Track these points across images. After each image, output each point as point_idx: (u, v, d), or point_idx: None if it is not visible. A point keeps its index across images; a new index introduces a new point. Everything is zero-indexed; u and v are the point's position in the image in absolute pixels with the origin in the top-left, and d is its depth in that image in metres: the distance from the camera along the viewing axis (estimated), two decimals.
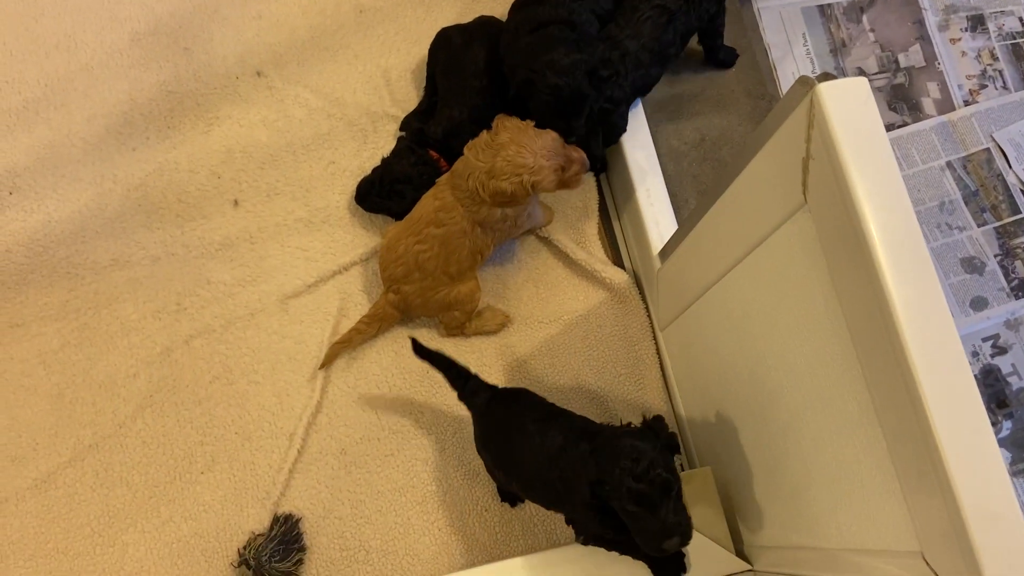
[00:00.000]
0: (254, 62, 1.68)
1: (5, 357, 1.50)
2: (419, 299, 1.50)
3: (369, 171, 1.59)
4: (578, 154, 1.38)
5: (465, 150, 1.40)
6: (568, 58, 1.38)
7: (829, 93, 0.81)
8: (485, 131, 1.39)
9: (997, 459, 0.73)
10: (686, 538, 1.04)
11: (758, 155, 0.97)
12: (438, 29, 1.62)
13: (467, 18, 1.64)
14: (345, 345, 1.53)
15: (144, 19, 1.68)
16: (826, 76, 0.84)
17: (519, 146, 1.34)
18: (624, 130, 1.56)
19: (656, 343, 1.58)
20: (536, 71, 1.39)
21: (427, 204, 1.46)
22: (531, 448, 1.19)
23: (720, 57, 1.67)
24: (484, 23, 1.61)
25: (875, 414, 0.87)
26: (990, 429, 0.74)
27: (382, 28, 1.73)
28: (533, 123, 1.37)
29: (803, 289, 0.97)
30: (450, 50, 1.59)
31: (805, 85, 0.85)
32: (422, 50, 1.67)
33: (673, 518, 1.02)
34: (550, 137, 1.36)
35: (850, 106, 0.81)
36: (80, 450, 1.48)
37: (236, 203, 1.61)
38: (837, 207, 0.82)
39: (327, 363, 1.53)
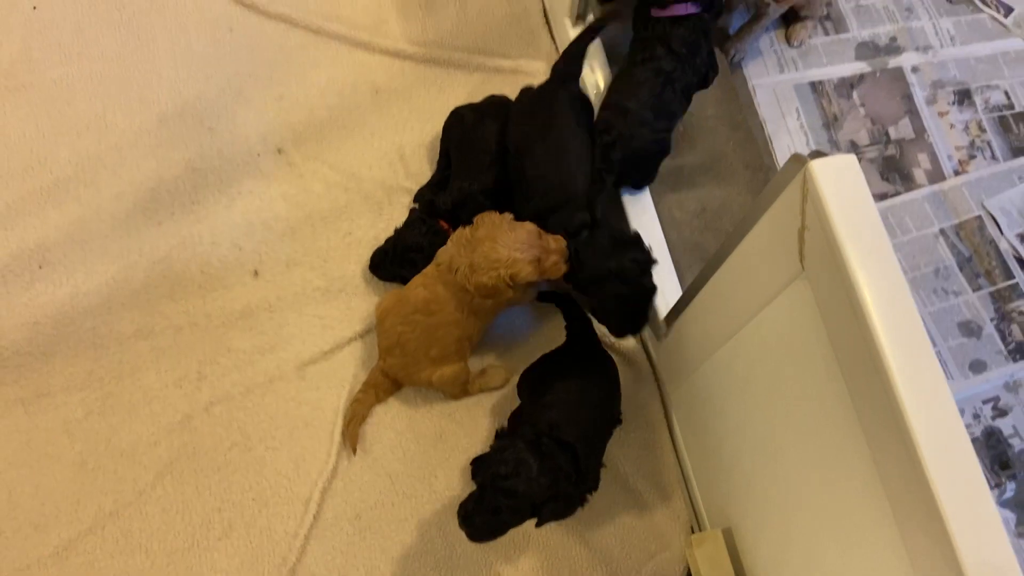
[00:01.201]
0: (275, 140, 1.77)
1: (31, 426, 1.54)
2: (402, 373, 1.55)
3: (383, 241, 1.65)
4: (556, 244, 1.41)
5: (451, 242, 1.45)
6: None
7: (820, 169, 0.88)
8: (466, 227, 1.44)
9: (994, 516, 0.77)
10: None
11: (756, 226, 1.03)
12: (450, 108, 1.71)
13: (477, 98, 1.73)
14: (357, 421, 1.57)
15: (171, 101, 1.77)
16: (817, 153, 0.90)
17: (493, 241, 1.37)
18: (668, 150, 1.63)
19: (664, 406, 1.62)
20: None
21: (417, 292, 1.49)
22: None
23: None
24: (494, 102, 1.70)
25: (878, 476, 0.90)
26: (986, 486, 0.78)
27: (397, 107, 1.82)
28: (511, 216, 1.42)
29: (804, 353, 1.02)
30: (463, 127, 1.67)
31: (798, 162, 0.91)
32: (435, 127, 1.75)
33: None
34: (525, 230, 1.39)
35: (840, 181, 0.87)
36: (101, 518, 1.51)
37: (256, 273, 1.68)
38: (832, 275, 0.88)
39: (355, 447, 1.57)
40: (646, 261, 1.41)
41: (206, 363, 1.62)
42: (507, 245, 1.37)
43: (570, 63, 1.63)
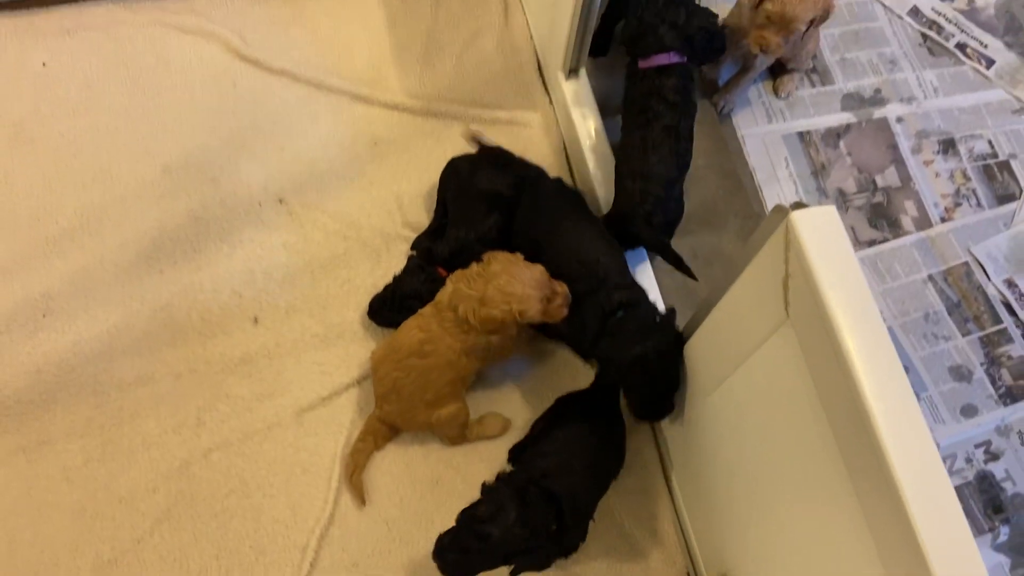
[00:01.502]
0: (276, 190, 1.81)
1: (32, 474, 1.55)
2: (400, 419, 1.57)
3: (382, 288, 1.68)
4: (562, 288, 1.46)
5: (450, 281, 1.48)
6: None
7: (801, 219, 0.91)
8: (475, 263, 1.48)
9: (974, 552, 0.79)
10: None
11: (743, 274, 1.07)
12: (447, 158, 1.75)
13: (473, 148, 1.77)
14: (358, 471, 1.58)
15: (176, 153, 1.82)
16: (799, 205, 0.94)
17: (510, 276, 1.42)
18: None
19: (659, 451, 1.64)
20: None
21: (411, 334, 1.51)
22: None
23: None
24: (490, 153, 1.74)
25: (864, 518, 0.92)
26: (966, 526, 0.80)
27: (395, 158, 1.87)
28: (522, 256, 1.47)
29: (791, 398, 1.04)
30: (459, 177, 1.71)
31: (780, 212, 0.95)
32: (432, 177, 1.79)
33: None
34: (538, 270, 1.44)
35: (821, 231, 0.91)
36: (99, 565, 1.51)
37: (256, 320, 1.70)
38: (815, 322, 0.90)
39: (361, 497, 1.58)
40: (667, 350, 1.39)
41: (205, 409, 1.64)
42: (522, 281, 1.42)
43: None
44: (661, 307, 1.48)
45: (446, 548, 1.29)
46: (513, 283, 1.41)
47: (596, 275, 1.47)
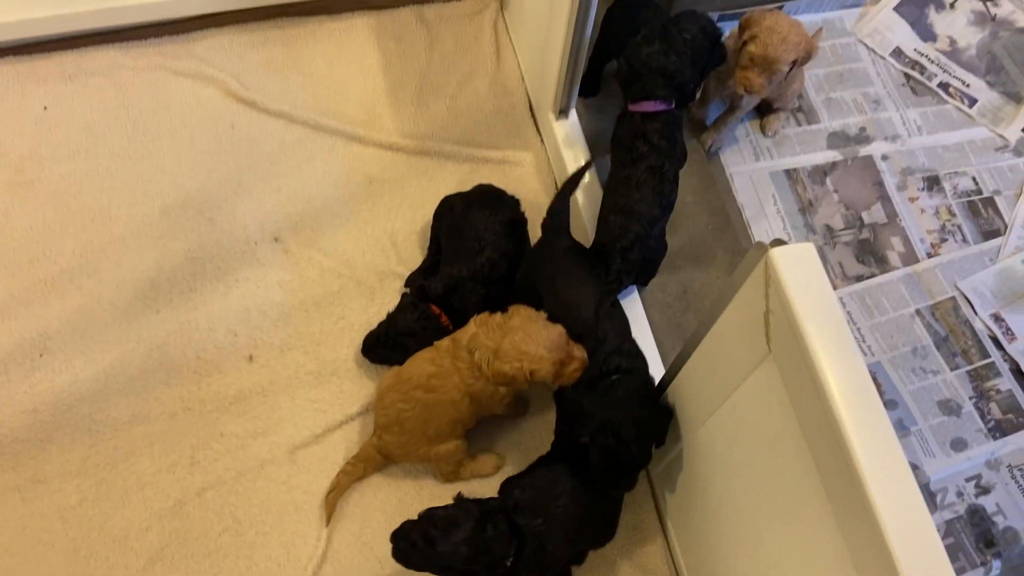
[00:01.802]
0: (272, 229, 1.84)
1: (27, 513, 1.55)
2: (399, 450, 1.58)
3: (376, 325, 1.70)
4: (580, 352, 1.44)
5: (475, 324, 1.48)
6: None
7: (780, 256, 0.94)
8: (500, 313, 1.48)
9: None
10: None
11: (727, 310, 1.09)
12: (440, 197, 1.78)
13: (467, 186, 1.80)
14: (338, 492, 1.59)
15: (173, 194, 1.85)
16: (778, 242, 0.97)
17: (526, 334, 1.42)
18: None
19: (651, 484, 1.64)
20: None
21: (422, 366, 1.52)
22: None
23: None
24: (482, 191, 1.78)
25: (848, 551, 0.93)
26: (944, 556, 0.81)
27: (389, 196, 1.90)
28: (545, 315, 1.46)
29: (775, 431, 1.06)
30: (452, 215, 1.74)
31: (760, 249, 0.97)
32: (426, 214, 1.82)
33: None
34: (556, 332, 1.43)
35: (799, 267, 0.93)
36: None
37: (251, 359, 1.72)
38: (795, 355, 0.92)
39: (330, 517, 1.59)
40: (647, 424, 1.39)
41: (199, 448, 1.64)
42: (537, 341, 1.41)
43: (556, 217, 1.65)
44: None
45: (400, 535, 1.32)
46: (528, 341, 1.41)
47: (595, 335, 1.46)
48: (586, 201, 1.81)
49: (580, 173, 1.71)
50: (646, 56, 1.58)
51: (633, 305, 1.70)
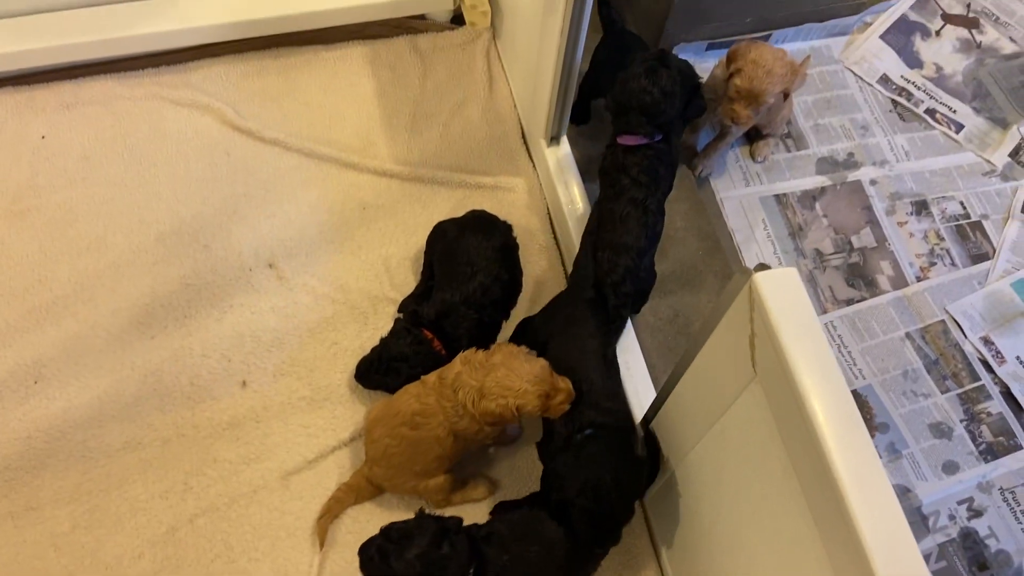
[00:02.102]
0: (266, 255, 1.85)
1: (19, 540, 1.55)
2: (388, 483, 1.59)
3: (369, 351, 1.70)
4: (564, 384, 1.44)
5: (460, 362, 1.48)
6: None
7: (763, 281, 0.95)
8: (482, 351, 1.48)
9: None
10: None
11: (714, 333, 1.10)
12: (433, 223, 1.80)
13: (460, 212, 1.82)
14: (328, 518, 1.59)
15: (169, 221, 1.87)
16: (762, 266, 0.98)
17: (509, 369, 1.41)
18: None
19: (643, 508, 1.65)
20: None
21: (408, 402, 1.52)
22: None
23: None
24: (475, 217, 1.79)
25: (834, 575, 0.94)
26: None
27: (383, 222, 1.92)
28: (527, 349, 1.47)
29: (762, 454, 1.06)
30: (446, 240, 1.75)
31: (744, 274, 0.98)
32: (419, 240, 1.84)
33: None
34: (539, 364, 1.43)
35: (782, 290, 0.95)
36: None
37: (244, 384, 1.73)
38: (779, 377, 0.94)
39: (322, 543, 1.58)
40: (629, 484, 1.37)
41: (192, 474, 1.65)
42: (521, 375, 1.40)
43: (580, 270, 1.65)
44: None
45: (362, 549, 1.34)
46: (512, 377, 1.41)
47: (579, 389, 1.45)
48: (578, 229, 1.82)
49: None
50: (631, 91, 1.60)
51: (627, 333, 1.70)
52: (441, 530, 1.32)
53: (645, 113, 1.59)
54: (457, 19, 2.20)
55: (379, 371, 1.66)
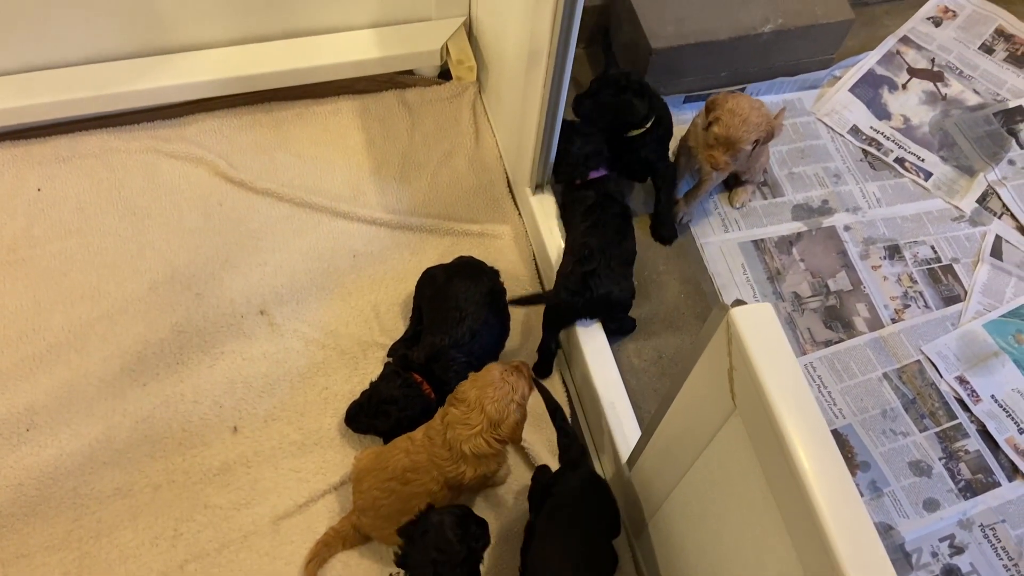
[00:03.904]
0: (258, 302, 1.89)
1: None
2: (376, 532, 1.60)
3: (359, 395, 1.73)
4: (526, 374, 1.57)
5: (447, 428, 1.52)
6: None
7: (740, 315, 1.00)
8: (453, 400, 1.55)
9: None
10: None
11: (695, 368, 1.14)
12: (422, 268, 1.84)
13: (448, 259, 1.86)
14: (317, 563, 1.60)
15: (162, 270, 1.90)
16: (738, 302, 1.03)
17: (492, 387, 1.51)
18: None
19: (631, 548, 1.66)
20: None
21: (398, 458, 1.54)
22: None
23: (661, 234, 2.03)
24: (463, 263, 1.84)
25: None
26: None
27: (372, 269, 1.96)
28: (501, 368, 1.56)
29: (744, 486, 1.10)
30: (434, 286, 1.79)
31: (722, 310, 1.03)
32: (408, 286, 1.88)
33: None
34: (496, 372, 1.54)
35: (757, 326, 0.99)
36: None
37: (235, 430, 1.74)
38: (757, 406, 0.98)
39: None
40: None
41: (182, 520, 1.65)
42: (496, 387, 1.51)
43: (568, 453, 1.60)
44: None
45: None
46: (492, 393, 1.50)
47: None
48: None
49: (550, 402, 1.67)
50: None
51: (610, 371, 1.74)
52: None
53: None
54: (444, 74, 2.28)
55: (368, 414, 1.69)
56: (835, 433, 1.81)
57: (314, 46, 2.13)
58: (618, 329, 1.87)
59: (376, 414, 1.67)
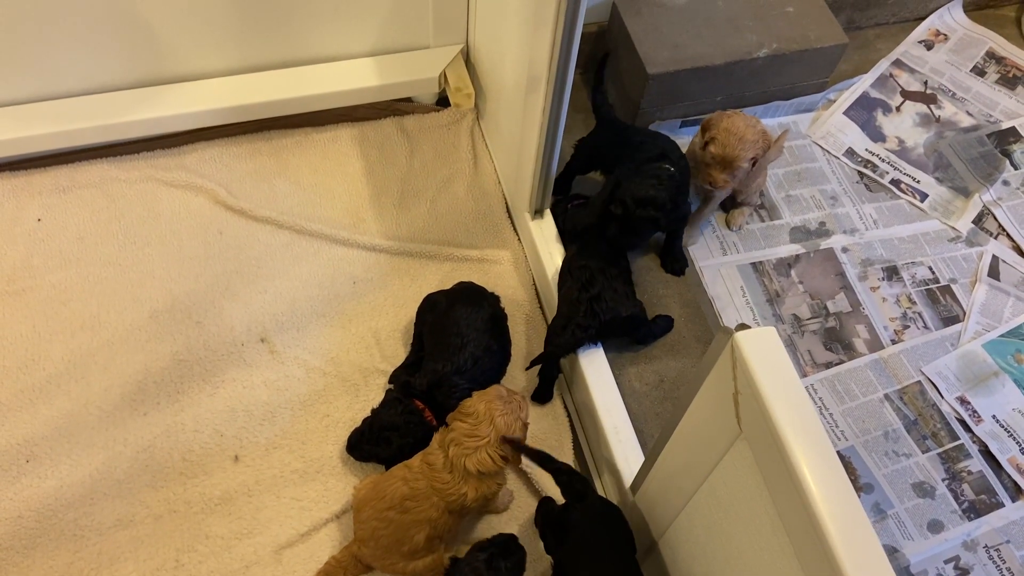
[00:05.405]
0: (258, 330, 1.89)
1: None
2: (376, 563, 1.58)
3: (360, 422, 1.73)
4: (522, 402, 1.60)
5: (451, 445, 1.52)
6: None
7: (744, 339, 1.00)
8: (455, 421, 1.55)
9: None
10: None
11: (699, 393, 1.14)
12: (422, 295, 1.85)
13: (448, 284, 1.87)
14: None
15: (162, 298, 1.90)
16: (742, 326, 1.03)
17: (501, 401, 1.53)
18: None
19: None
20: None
21: (395, 487, 1.53)
22: None
23: (674, 268, 2.02)
24: (464, 288, 1.84)
25: None
26: None
27: (373, 296, 1.96)
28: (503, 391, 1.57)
29: (751, 512, 1.09)
30: (435, 312, 1.80)
31: (726, 334, 1.03)
32: (408, 312, 1.88)
33: None
34: (503, 390, 1.57)
35: (762, 348, 0.99)
36: None
37: (237, 459, 1.73)
38: (763, 431, 0.98)
39: None
40: None
41: (184, 551, 1.64)
42: (503, 400, 1.54)
43: (571, 488, 1.55)
44: None
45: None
46: (500, 406, 1.52)
47: None
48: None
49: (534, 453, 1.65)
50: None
51: (611, 395, 1.74)
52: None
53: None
54: (442, 101, 2.30)
55: (370, 441, 1.68)
56: (839, 455, 1.80)
57: (313, 75, 2.15)
58: (649, 333, 1.88)
59: (378, 441, 1.67)
